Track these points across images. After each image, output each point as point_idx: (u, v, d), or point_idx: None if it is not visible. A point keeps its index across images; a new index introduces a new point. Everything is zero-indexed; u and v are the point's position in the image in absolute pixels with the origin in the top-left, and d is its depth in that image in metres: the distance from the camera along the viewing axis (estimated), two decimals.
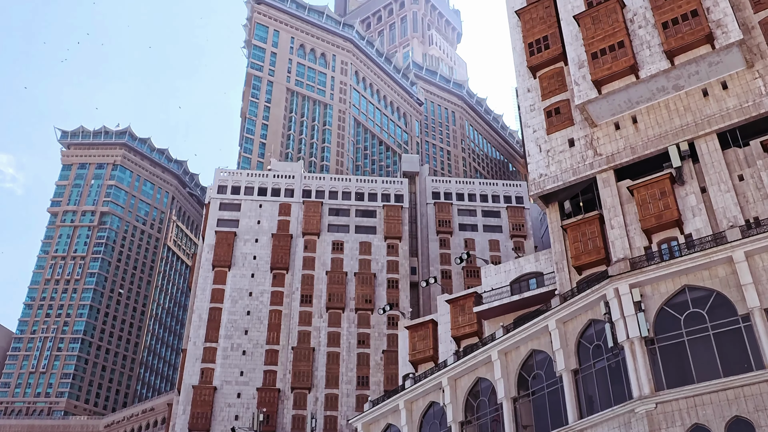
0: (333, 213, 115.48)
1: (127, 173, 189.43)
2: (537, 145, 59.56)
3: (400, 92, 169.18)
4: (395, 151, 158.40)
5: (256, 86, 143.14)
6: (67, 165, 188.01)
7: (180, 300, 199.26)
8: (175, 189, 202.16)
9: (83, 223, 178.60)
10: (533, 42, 63.06)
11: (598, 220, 54.81)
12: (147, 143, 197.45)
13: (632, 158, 54.04)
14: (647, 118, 54.52)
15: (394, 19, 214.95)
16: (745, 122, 50.61)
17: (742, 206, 48.42)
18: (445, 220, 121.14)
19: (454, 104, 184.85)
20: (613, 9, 56.96)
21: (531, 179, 58.66)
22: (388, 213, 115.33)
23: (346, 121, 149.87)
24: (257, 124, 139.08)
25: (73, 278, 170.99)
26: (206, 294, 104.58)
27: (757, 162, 49.12)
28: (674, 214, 49.92)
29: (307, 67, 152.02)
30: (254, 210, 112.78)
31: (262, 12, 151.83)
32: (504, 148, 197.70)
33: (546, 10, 63.94)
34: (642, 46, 54.44)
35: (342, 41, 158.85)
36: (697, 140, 51.84)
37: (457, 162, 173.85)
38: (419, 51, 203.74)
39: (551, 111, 60.19)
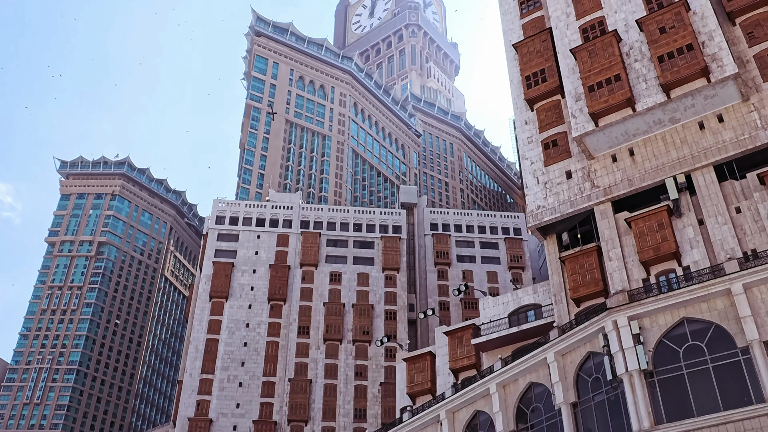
0: (331, 244, 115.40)
1: (125, 203, 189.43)
2: (535, 177, 59.78)
3: (399, 124, 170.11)
4: (393, 183, 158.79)
5: (255, 117, 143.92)
6: (65, 195, 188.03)
7: (176, 331, 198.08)
8: (173, 219, 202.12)
9: (81, 253, 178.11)
10: (530, 75, 63.64)
11: (596, 252, 54.82)
12: (146, 173, 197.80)
13: (629, 190, 54.25)
14: (644, 150, 54.84)
15: (393, 51, 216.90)
16: (742, 155, 50.92)
17: (740, 238, 48.51)
18: (443, 251, 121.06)
19: (452, 136, 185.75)
20: (609, 43, 57.59)
21: (529, 211, 58.79)
22: (386, 244, 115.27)
23: (344, 153, 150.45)
24: (256, 155, 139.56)
25: (70, 308, 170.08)
26: (203, 325, 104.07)
27: (754, 194, 49.30)
28: (672, 246, 49.97)
29: (306, 98, 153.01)
30: (252, 241, 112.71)
31: (262, 44, 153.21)
32: (502, 180, 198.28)
33: (543, 43, 64.62)
34: (638, 80, 54.95)
35: (341, 73, 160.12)
36: (693, 173, 52.10)
37: (455, 193, 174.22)
38: (417, 83, 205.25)
39: (549, 143, 60.54)
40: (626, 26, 59.02)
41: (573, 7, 64.03)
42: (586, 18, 62.60)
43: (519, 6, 71.40)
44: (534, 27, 68.63)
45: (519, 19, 70.47)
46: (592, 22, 62.06)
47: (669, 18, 55.29)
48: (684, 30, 53.92)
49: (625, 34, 58.42)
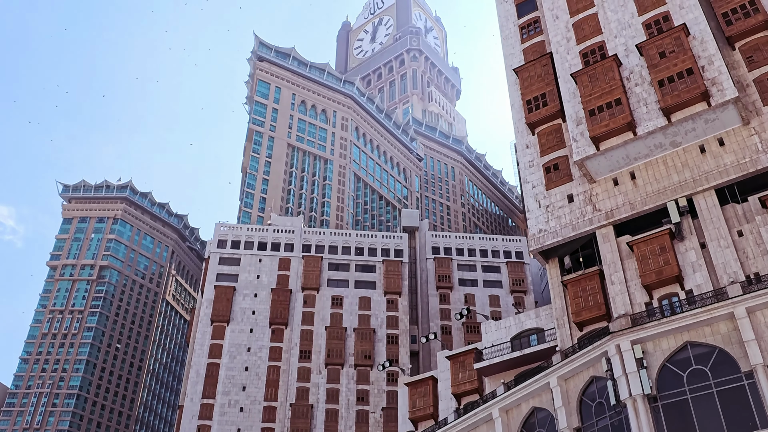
0: (333, 268, 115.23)
1: (127, 227, 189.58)
2: (536, 201, 59.84)
3: (400, 148, 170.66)
4: (395, 206, 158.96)
5: (257, 141, 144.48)
6: (67, 219, 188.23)
7: (177, 355, 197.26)
8: (175, 243, 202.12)
9: (82, 277, 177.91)
10: (531, 99, 63.94)
11: (598, 276, 54.70)
12: (148, 197, 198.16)
13: (631, 214, 54.25)
14: (645, 174, 54.92)
15: (394, 76, 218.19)
16: (743, 178, 50.97)
17: (743, 262, 48.40)
18: (444, 275, 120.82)
19: (453, 160, 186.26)
20: (610, 67, 57.94)
21: (531, 234, 58.77)
22: (388, 268, 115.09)
23: (346, 176, 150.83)
24: (258, 179, 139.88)
25: (71, 332, 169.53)
26: (204, 349, 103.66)
27: (756, 218, 49.28)
28: (674, 269, 49.84)
29: (308, 122, 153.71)
30: (254, 265, 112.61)
31: (264, 69, 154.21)
32: (503, 204, 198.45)
33: (544, 68, 65.01)
34: (639, 104, 55.19)
35: (343, 98, 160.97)
36: (695, 196, 52.13)
37: (456, 217, 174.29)
38: (419, 107, 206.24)
39: (550, 167, 60.67)
40: (626, 51, 59.41)
41: (573, 32, 64.52)
42: (587, 43, 63.07)
43: (520, 31, 71.95)
44: (535, 51, 69.09)
45: (520, 44, 70.97)
46: (592, 47, 62.49)
47: (669, 43, 55.67)
48: (684, 54, 54.25)
49: (626, 59, 58.78)
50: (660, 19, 59.62)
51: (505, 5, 74.99)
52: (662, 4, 60.22)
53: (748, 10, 55.53)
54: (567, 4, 66.90)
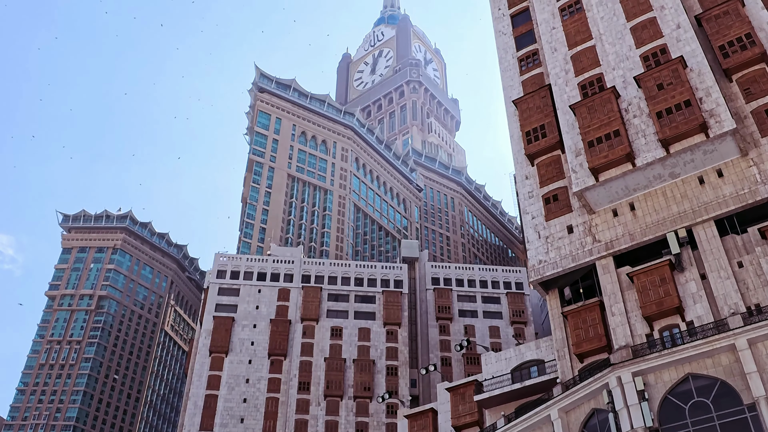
0: (332, 298, 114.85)
1: (126, 257, 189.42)
2: (536, 232, 59.86)
3: (400, 178, 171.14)
4: (395, 237, 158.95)
5: (257, 172, 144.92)
6: (66, 249, 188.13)
7: (176, 386, 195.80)
8: (174, 273, 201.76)
9: (81, 307, 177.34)
10: (530, 130, 64.26)
11: (598, 307, 54.49)
12: (148, 227, 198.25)
13: (631, 245, 54.22)
14: (645, 205, 55.02)
15: (394, 107, 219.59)
16: (742, 209, 51.03)
17: (743, 293, 48.25)
18: (444, 306, 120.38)
19: (453, 190, 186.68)
20: (608, 99, 58.34)
21: (530, 265, 58.69)
22: (388, 299, 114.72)
23: (346, 207, 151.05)
24: (258, 209, 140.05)
25: (68, 363, 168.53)
26: (202, 380, 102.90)
27: (756, 249, 49.24)
28: (675, 301, 49.68)
29: (308, 153, 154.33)
30: (253, 295, 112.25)
31: (265, 100, 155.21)
32: (503, 234, 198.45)
33: (542, 99, 65.45)
34: (637, 135, 55.47)
35: (343, 129, 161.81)
36: (695, 227, 52.15)
37: (456, 248, 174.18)
38: (419, 138, 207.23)
39: (549, 198, 60.80)
40: (624, 83, 59.86)
41: (572, 65, 65.09)
42: (585, 75, 63.57)
43: (518, 63, 72.57)
44: (533, 83, 69.62)
45: (518, 76, 71.54)
46: (590, 79, 62.98)
47: (666, 75, 56.12)
48: (681, 86, 54.67)
49: (624, 91, 59.20)
50: (657, 51, 60.19)
51: (504, 38, 75.73)
52: (659, 37, 60.84)
53: (745, 43, 56.08)
54: (565, 37, 67.61)
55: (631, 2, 64.99)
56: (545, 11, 71.18)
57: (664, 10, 61.98)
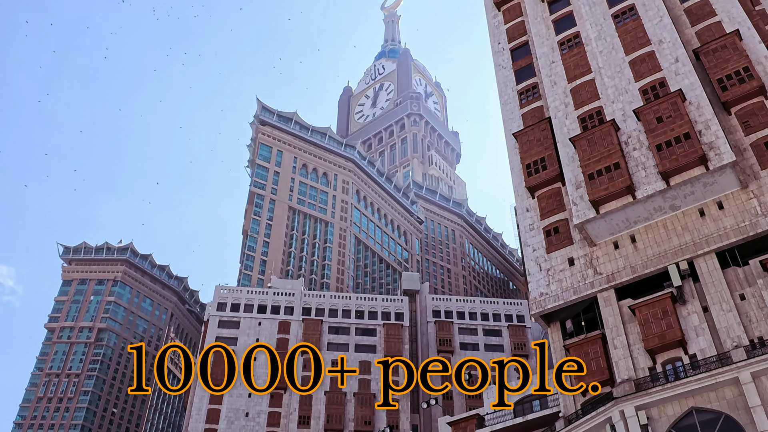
0: (333, 331, 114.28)
1: (126, 289, 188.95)
2: (537, 264, 59.77)
3: (401, 211, 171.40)
4: (396, 269, 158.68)
5: (258, 204, 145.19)
6: (67, 281, 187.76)
7: (175, 420, 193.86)
8: (175, 306, 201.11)
9: (80, 340, 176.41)
10: (531, 163, 64.51)
11: (600, 340, 54.21)
12: (148, 260, 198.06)
13: (632, 277, 54.10)
14: (646, 237, 55.01)
15: (395, 140, 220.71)
16: (743, 241, 51.03)
17: (746, 326, 48.00)
18: (445, 338, 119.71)
19: (454, 223, 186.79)
20: (608, 132, 58.66)
21: (532, 298, 58.51)
22: (389, 332, 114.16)
23: (346, 239, 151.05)
24: (258, 242, 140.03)
25: (66, 396, 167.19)
26: (201, 414, 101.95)
27: (758, 281, 49.11)
28: (677, 333, 49.42)
29: (309, 185, 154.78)
30: (253, 328, 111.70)
31: (266, 133, 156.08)
32: (504, 266, 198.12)
33: (542, 132, 65.80)
34: (637, 168, 55.66)
35: (344, 161, 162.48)
36: (696, 259, 52.08)
37: (457, 280, 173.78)
38: (419, 171, 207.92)
39: (550, 230, 60.82)
40: (624, 115, 60.23)
41: (571, 98, 65.56)
42: (585, 108, 63.98)
43: (518, 96, 73.10)
44: (533, 116, 70.05)
45: (519, 109, 72.00)
46: (590, 112, 63.38)
47: (665, 108, 56.49)
48: (681, 119, 55.00)
49: (623, 123, 59.55)
50: (656, 85, 60.66)
51: (504, 71, 76.39)
52: (658, 70, 61.36)
53: (743, 76, 56.52)
54: (564, 71, 68.21)
55: (629, 36, 65.69)
56: (544, 45, 71.92)
57: (663, 44, 62.61)
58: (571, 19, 72.79)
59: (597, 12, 70.55)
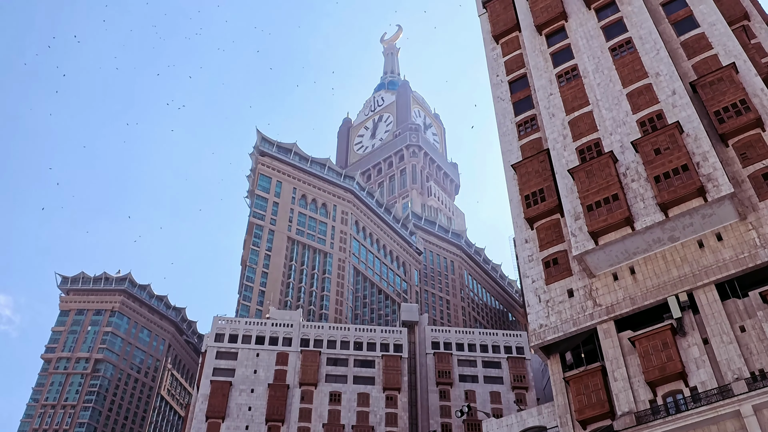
0: (331, 363, 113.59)
1: (124, 320, 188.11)
2: (536, 296, 59.61)
3: (400, 242, 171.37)
4: (394, 300, 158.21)
5: (257, 235, 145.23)
6: (64, 311, 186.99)
7: None
8: (172, 336, 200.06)
9: (77, 371, 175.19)
10: (530, 194, 64.65)
11: (600, 372, 53.84)
12: (146, 290, 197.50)
13: (632, 309, 53.94)
14: (645, 268, 54.94)
15: (394, 171, 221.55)
16: (742, 273, 50.95)
17: (746, 358, 47.75)
18: (445, 370, 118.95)
19: (452, 254, 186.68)
20: (606, 163, 58.89)
21: (531, 330, 58.26)
22: (387, 363, 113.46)
23: (345, 270, 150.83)
24: (257, 272, 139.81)
25: (62, 428, 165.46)
26: None
27: (758, 313, 48.97)
28: (678, 366, 49.13)
29: (308, 216, 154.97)
30: (251, 359, 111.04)
31: (266, 164, 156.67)
32: (503, 298, 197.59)
33: (541, 164, 66.04)
34: (636, 199, 55.79)
35: (343, 192, 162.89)
36: (695, 291, 51.97)
37: (456, 311, 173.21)
38: (418, 202, 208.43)
39: (549, 261, 60.74)
40: (622, 147, 60.52)
41: (569, 130, 65.93)
42: (583, 140, 64.31)
43: (517, 128, 73.50)
44: (532, 148, 70.36)
45: (517, 141, 72.33)
46: (588, 144, 63.69)
47: (663, 140, 56.79)
48: (678, 151, 55.27)
49: (621, 155, 59.82)
50: (654, 117, 61.06)
51: (503, 103, 76.90)
52: (655, 102, 61.81)
53: (740, 108, 56.92)
54: (563, 103, 68.68)
55: (626, 69, 66.29)
56: (542, 78, 72.51)
57: (659, 76, 63.16)
58: (568, 52, 73.50)
59: (594, 45, 71.28)
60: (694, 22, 67.69)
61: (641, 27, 68.61)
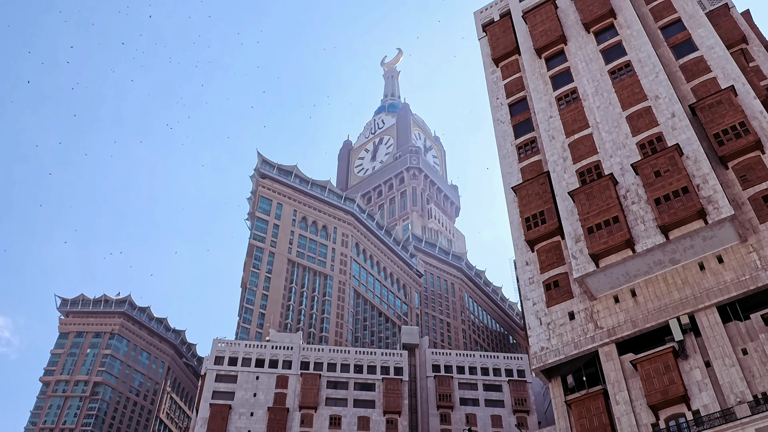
0: (331, 386, 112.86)
1: (123, 342, 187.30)
2: (537, 318, 59.41)
3: (400, 264, 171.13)
4: (395, 323, 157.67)
5: (257, 257, 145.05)
6: (64, 333, 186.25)
7: None
8: (171, 359, 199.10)
9: (75, 394, 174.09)
10: (530, 217, 64.68)
11: (602, 395, 53.54)
12: (146, 312, 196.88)
13: (633, 331, 53.71)
14: (646, 291, 54.81)
15: (394, 193, 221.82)
16: (744, 295, 50.81)
17: (749, 381, 47.49)
18: (445, 394, 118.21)
19: (453, 276, 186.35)
20: (606, 186, 58.97)
21: (532, 352, 58.00)
22: (388, 386, 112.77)
23: (346, 293, 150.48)
24: (257, 294, 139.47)
25: None
26: None
27: (760, 336, 48.77)
28: (680, 389, 48.86)
29: (308, 239, 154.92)
30: (251, 382, 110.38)
31: (267, 186, 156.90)
32: (504, 320, 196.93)
33: (541, 186, 66.13)
34: (636, 221, 55.79)
35: (343, 214, 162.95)
36: (697, 313, 51.80)
37: (457, 334, 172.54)
38: (419, 224, 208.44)
39: (550, 284, 60.60)
40: (622, 170, 60.64)
41: (569, 152, 66.09)
42: (583, 162, 64.46)
43: (517, 151, 73.68)
44: (532, 170, 70.47)
45: (517, 163, 72.48)
46: (588, 166, 63.82)
47: (663, 162, 56.90)
48: (678, 174, 55.36)
49: (621, 177, 59.91)
50: (654, 139, 61.24)
51: (503, 126, 77.17)
52: (655, 125, 62.03)
53: (739, 131, 57.12)
54: (562, 126, 68.91)
55: (626, 92, 66.59)
56: (542, 100, 72.83)
57: (659, 99, 63.44)
58: (568, 75, 73.90)
59: (594, 68, 71.68)
60: (692, 45, 68.17)
61: (640, 50, 69.05)
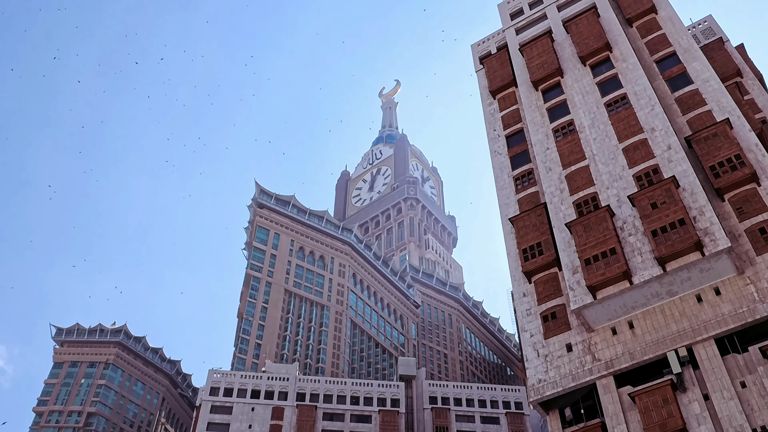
0: (327, 418, 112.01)
1: (118, 372, 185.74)
2: (535, 350, 59.17)
3: (397, 295, 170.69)
4: (392, 354, 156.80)
5: (254, 287, 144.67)
6: (58, 363, 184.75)
7: None
8: (166, 390, 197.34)
9: (68, 424, 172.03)
10: (527, 248, 64.70)
11: (600, 428, 53.08)
12: (141, 342, 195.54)
13: (631, 364, 53.46)
14: (644, 323, 54.68)
15: (392, 224, 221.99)
16: (741, 328, 50.69)
17: (748, 414, 47.19)
18: (442, 426, 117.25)
19: (450, 307, 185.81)
20: (603, 217, 59.11)
21: (530, 384, 57.65)
22: (384, 418, 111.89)
23: (342, 323, 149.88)
24: (254, 325, 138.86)
25: None
26: None
27: (758, 368, 48.56)
28: (679, 422, 48.50)
29: (305, 269, 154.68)
30: (246, 413, 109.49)
31: (264, 216, 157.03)
32: (501, 352, 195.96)
33: (538, 217, 66.28)
34: (633, 253, 55.83)
35: (341, 244, 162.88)
36: (695, 346, 51.62)
37: (454, 365, 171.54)
38: (416, 255, 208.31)
39: (548, 315, 60.46)
40: (619, 201, 60.84)
41: (566, 184, 66.35)
42: (580, 194, 64.68)
43: (514, 182, 73.99)
44: (529, 202, 70.70)
45: (514, 195, 72.75)
46: (585, 198, 64.04)
47: (660, 194, 57.12)
48: (675, 206, 55.53)
49: (618, 209, 60.09)
50: (650, 171, 61.53)
51: (500, 157, 77.56)
52: (651, 157, 62.37)
53: (735, 163, 57.43)
54: (559, 157, 69.27)
55: (622, 125, 67.05)
56: (539, 132, 73.29)
57: (655, 132, 63.87)
58: (564, 107, 74.48)
59: (590, 101, 72.25)
60: (687, 78, 68.80)
61: (636, 83, 69.68)
